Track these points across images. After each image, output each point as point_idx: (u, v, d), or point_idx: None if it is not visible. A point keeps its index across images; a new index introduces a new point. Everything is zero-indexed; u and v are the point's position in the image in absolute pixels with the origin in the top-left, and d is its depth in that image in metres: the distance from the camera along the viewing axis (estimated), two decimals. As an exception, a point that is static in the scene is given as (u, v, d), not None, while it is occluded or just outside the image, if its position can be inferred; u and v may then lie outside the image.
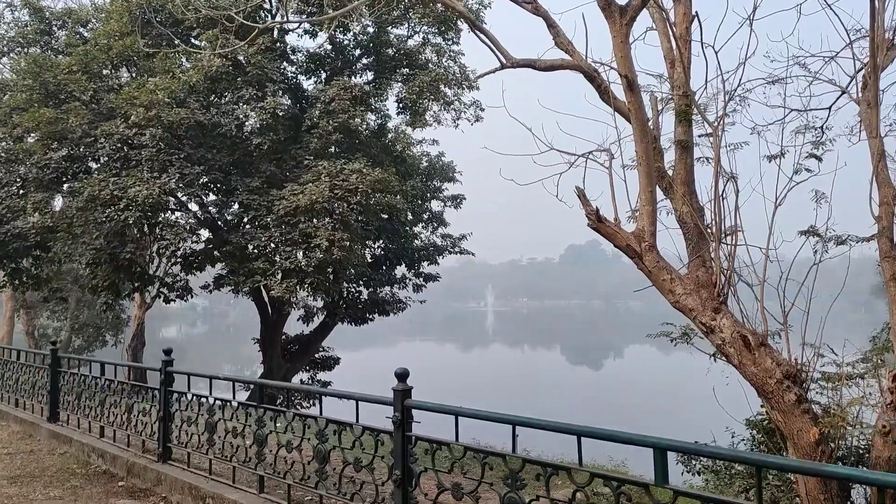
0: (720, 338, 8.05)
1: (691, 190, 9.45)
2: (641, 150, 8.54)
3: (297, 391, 14.70)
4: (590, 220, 8.52)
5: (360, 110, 16.71)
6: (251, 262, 16.05)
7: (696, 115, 9.99)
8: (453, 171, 23.88)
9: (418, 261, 23.68)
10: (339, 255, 15.14)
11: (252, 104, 16.05)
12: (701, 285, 8.45)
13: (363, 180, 15.28)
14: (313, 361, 23.52)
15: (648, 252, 8.32)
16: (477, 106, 19.09)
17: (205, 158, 15.94)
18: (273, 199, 15.98)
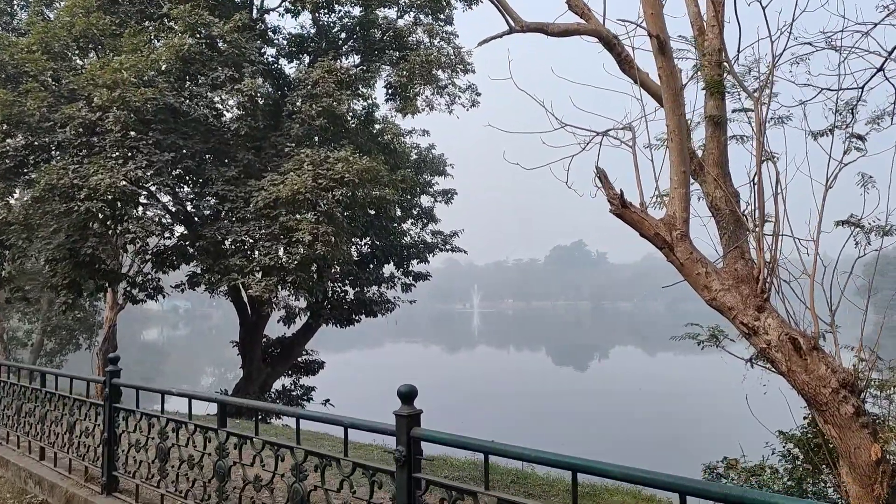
0: (765, 340, 6.81)
1: (725, 172, 8.30)
2: (674, 124, 7.32)
3: (269, 411, 13.23)
4: (612, 206, 7.21)
5: (347, 95, 15.40)
6: (227, 258, 14.70)
7: (729, 88, 8.82)
8: (444, 165, 22.62)
9: (407, 259, 22.41)
10: (322, 251, 13.84)
11: (228, 87, 14.70)
12: (741, 280, 7.21)
13: (349, 169, 13.98)
14: (296, 365, 22.17)
15: (680, 242, 7.06)
16: (473, 90, 17.86)
17: (176, 145, 14.56)
18: (251, 190, 14.65)
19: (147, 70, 14.15)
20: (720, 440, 22.94)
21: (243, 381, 20.52)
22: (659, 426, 28.67)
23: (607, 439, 26.61)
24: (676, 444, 24.89)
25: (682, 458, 22.68)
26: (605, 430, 29.58)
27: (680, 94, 7.49)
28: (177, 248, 16.18)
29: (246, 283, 14.14)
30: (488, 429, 28.13)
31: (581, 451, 3.38)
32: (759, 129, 7.66)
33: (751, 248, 7.77)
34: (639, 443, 24.90)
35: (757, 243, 7.47)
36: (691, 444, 24.55)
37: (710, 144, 8.40)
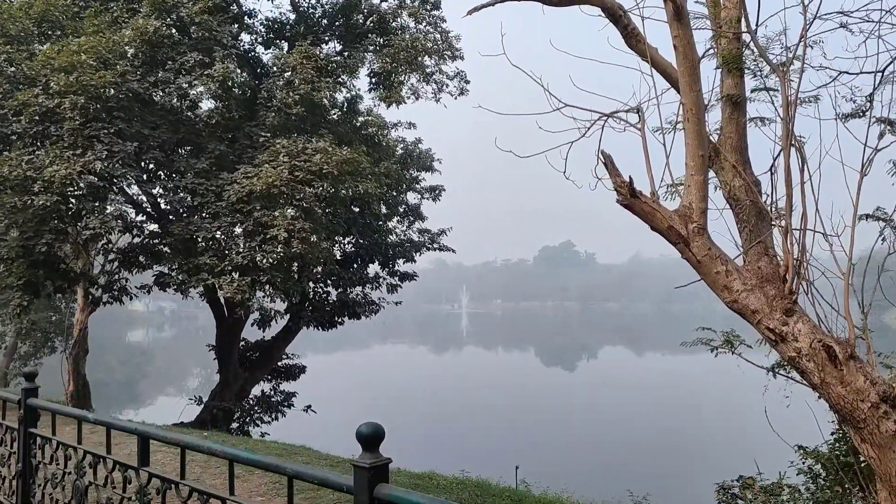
0: (794, 348, 5.88)
1: (745, 158, 7.33)
2: (691, 102, 6.35)
3: (197, 450, 11.67)
4: (620, 195, 6.25)
5: (326, 82, 14.37)
6: (197, 257, 13.64)
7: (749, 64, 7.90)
8: (432, 160, 21.63)
9: (393, 258, 21.41)
10: (299, 249, 12.82)
11: (197, 72, 13.63)
12: (765, 279, 6.27)
13: (329, 161, 12.97)
14: (276, 370, 21.10)
15: (697, 236, 6.12)
16: (461, 78, 16.84)
17: (141, 135, 13.46)
18: (223, 184, 13.59)
19: (109, 53, 13.07)
20: (729, 452, 22.11)
21: (219, 386, 19.44)
22: (663, 438, 27.55)
23: (607, 455, 25.55)
24: (685, 458, 23.88)
25: (694, 472, 21.83)
26: (605, 446, 28.52)
27: (698, 66, 6.53)
28: (144, 247, 15.10)
29: (217, 283, 13.09)
30: (475, 443, 27.29)
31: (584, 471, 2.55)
32: (786, 109, 6.71)
33: (774, 243, 6.90)
34: (643, 464, 23.82)
35: (784, 238, 6.51)
36: (699, 457, 23.61)
37: (727, 127, 7.45)
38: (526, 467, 10.26)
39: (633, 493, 11.04)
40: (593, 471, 23.29)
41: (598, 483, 15.39)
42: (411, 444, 26.42)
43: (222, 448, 3.19)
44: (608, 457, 25.03)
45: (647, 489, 11.08)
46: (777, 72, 7.19)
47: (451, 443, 27.21)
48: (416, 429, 29.53)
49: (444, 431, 29.40)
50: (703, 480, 10.10)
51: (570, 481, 12.89)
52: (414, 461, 13.04)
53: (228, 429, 18.86)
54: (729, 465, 10.33)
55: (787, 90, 6.82)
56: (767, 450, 9.61)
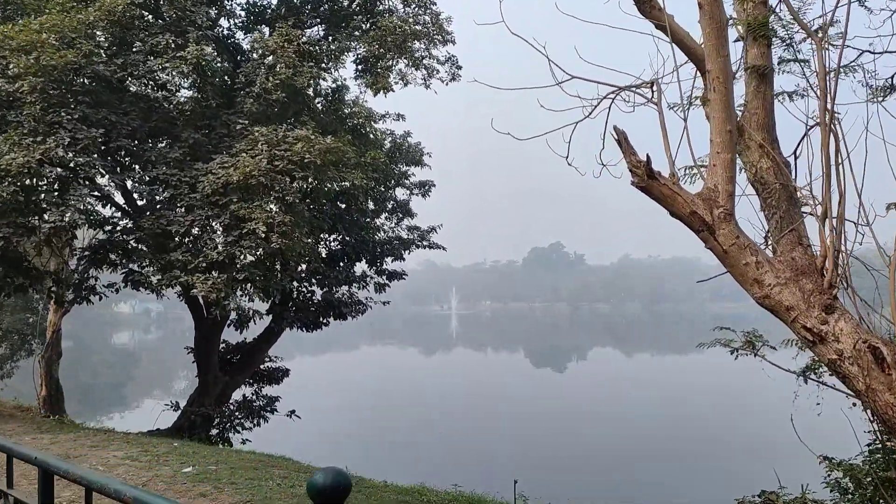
0: (835, 350, 5.13)
1: (773, 137, 6.57)
2: (717, 68, 5.57)
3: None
4: (635, 177, 5.45)
5: (309, 66, 13.48)
6: (169, 253, 12.71)
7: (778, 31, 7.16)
8: (421, 154, 20.75)
9: (381, 256, 20.50)
10: (279, 245, 11.93)
11: (169, 54, 12.70)
12: (801, 272, 5.45)
13: (311, 149, 12.07)
14: (258, 373, 20.14)
15: (724, 223, 5.35)
16: (453, 62, 15.96)
17: (108, 121, 12.52)
18: (198, 175, 12.68)
19: (74, 33, 12.12)
20: (740, 460, 21.30)
21: (198, 391, 18.47)
22: (668, 445, 26.58)
23: (610, 464, 24.63)
24: (695, 467, 22.99)
25: (706, 483, 20.98)
26: (606, 455, 27.62)
27: (725, 28, 5.71)
28: (115, 243, 14.13)
29: (190, 281, 12.15)
30: (468, 450, 26.42)
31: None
32: (823, 80, 5.87)
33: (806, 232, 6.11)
34: (650, 475, 22.92)
35: (821, 224, 5.74)
36: (710, 466, 22.73)
37: (752, 102, 6.64)
38: (524, 477, 9.46)
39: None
40: (596, 482, 22.45)
41: (604, 495, 14.55)
42: (400, 453, 25.61)
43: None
44: (611, 467, 24.18)
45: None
46: (813, 38, 6.36)
47: (442, 450, 26.34)
48: (405, 435, 28.67)
49: (435, 438, 28.51)
50: (717, 493, 9.30)
51: (571, 493, 12.09)
52: (403, 472, 12.30)
53: (208, 435, 17.92)
54: (742, 475, 9.52)
55: (823, 58, 5.99)
56: (782, 457, 8.86)
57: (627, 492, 18.67)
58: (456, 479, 10.52)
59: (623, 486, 21.00)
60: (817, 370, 7.30)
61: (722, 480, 18.31)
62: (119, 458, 9.91)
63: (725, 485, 9.15)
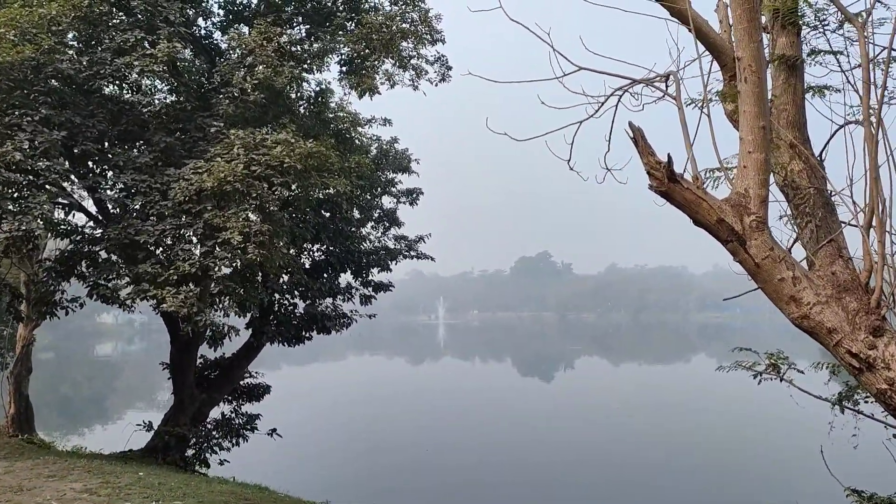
0: (885, 378, 4.51)
1: (804, 136, 5.88)
2: (749, 56, 4.87)
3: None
4: (654, 180, 4.73)
5: (289, 66, 12.68)
6: (137, 264, 11.83)
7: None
8: (409, 160, 19.99)
9: (367, 267, 19.70)
10: (256, 255, 11.09)
11: (138, 52, 11.86)
12: (843, 289, 4.69)
13: (291, 153, 11.27)
14: (237, 390, 19.20)
15: (756, 232, 4.68)
16: (442, 62, 15.19)
17: (72, 123, 11.66)
18: (170, 181, 11.84)
19: (35, 28, 11.25)
20: (741, 479, 20.44)
21: (173, 409, 17.50)
22: (671, 462, 25.58)
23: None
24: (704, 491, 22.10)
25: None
26: (600, 476, 26.79)
27: (758, 9, 4.99)
28: (83, 254, 13.21)
29: (160, 295, 11.28)
30: (461, 469, 25.54)
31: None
32: (867, 70, 5.14)
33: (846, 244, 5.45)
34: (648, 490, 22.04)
35: (865, 234, 5.03)
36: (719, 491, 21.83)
37: (782, 97, 5.97)
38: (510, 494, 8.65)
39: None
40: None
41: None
42: (386, 473, 24.70)
43: None
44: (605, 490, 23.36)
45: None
46: (854, 23, 5.66)
47: (432, 470, 25.44)
48: (392, 456, 27.75)
49: (422, 455, 27.60)
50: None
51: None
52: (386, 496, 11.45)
53: (183, 457, 16.95)
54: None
55: (866, 47, 5.27)
56: (796, 480, 8.07)
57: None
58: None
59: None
60: (853, 397, 6.58)
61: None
62: (76, 491, 9.01)
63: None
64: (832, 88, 6.27)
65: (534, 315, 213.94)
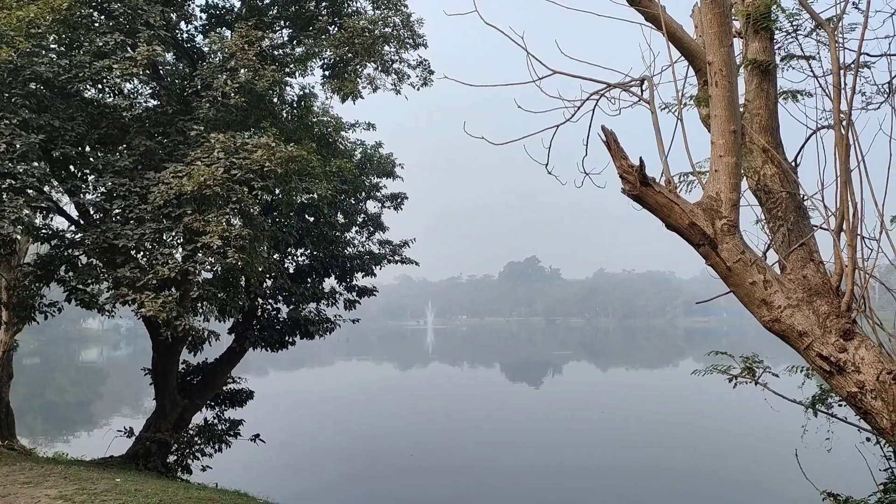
0: (855, 381, 4.56)
1: (777, 141, 5.92)
2: (719, 60, 4.92)
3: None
4: (627, 184, 4.78)
5: (271, 70, 12.64)
6: (116, 268, 11.73)
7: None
8: (393, 165, 19.96)
9: (351, 272, 19.65)
10: (236, 259, 11.03)
11: (118, 55, 11.80)
12: (814, 293, 4.74)
13: (271, 157, 11.24)
14: (219, 395, 19.05)
15: (727, 235, 4.72)
16: (424, 67, 15.19)
17: (50, 126, 11.57)
18: (149, 184, 11.77)
19: (13, 31, 11.16)
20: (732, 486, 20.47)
21: (155, 415, 17.33)
22: (652, 471, 25.60)
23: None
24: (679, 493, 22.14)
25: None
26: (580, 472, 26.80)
27: (729, 14, 5.03)
28: (62, 258, 13.09)
29: (138, 300, 11.19)
30: (441, 475, 25.48)
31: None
32: (837, 76, 5.19)
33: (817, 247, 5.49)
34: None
35: (836, 238, 5.10)
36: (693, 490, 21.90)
37: (755, 102, 6.02)
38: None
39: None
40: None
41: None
42: (369, 478, 24.58)
43: None
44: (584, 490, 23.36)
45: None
46: (825, 28, 5.70)
47: (415, 474, 25.34)
48: (376, 461, 27.64)
49: (406, 459, 27.48)
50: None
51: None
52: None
53: (164, 463, 16.81)
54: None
55: (836, 53, 5.31)
56: (774, 485, 8.10)
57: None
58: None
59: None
60: (826, 401, 6.61)
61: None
62: (51, 497, 8.91)
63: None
64: (804, 93, 6.30)
65: (522, 320, 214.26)
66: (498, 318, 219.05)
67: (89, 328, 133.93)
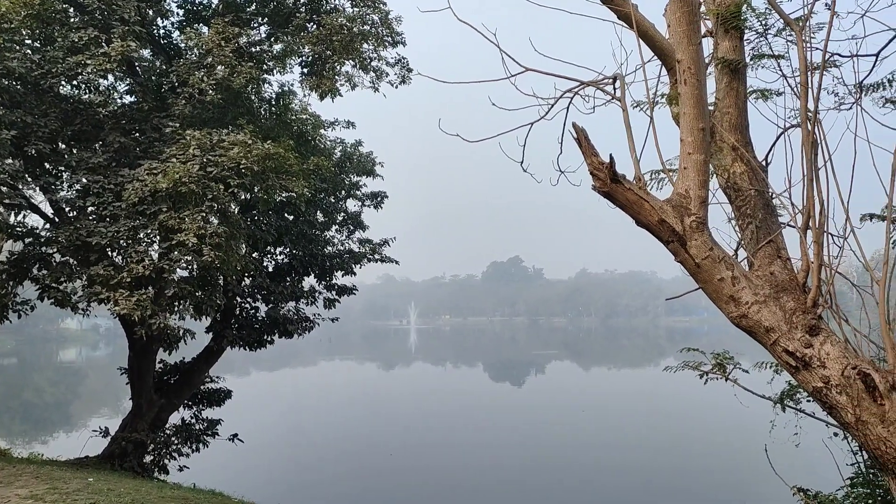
0: (821, 376, 4.63)
1: (746, 139, 5.98)
2: (688, 59, 4.98)
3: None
4: (597, 181, 4.80)
5: (248, 67, 12.56)
6: (90, 266, 11.61)
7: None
8: (373, 164, 19.92)
9: (330, 270, 19.58)
10: (212, 257, 10.95)
11: (92, 50, 11.67)
12: (781, 289, 4.78)
13: (248, 154, 11.17)
14: (197, 395, 18.90)
15: (696, 232, 4.73)
16: (403, 65, 15.17)
17: (23, 122, 11.43)
18: (124, 181, 11.65)
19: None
20: (708, 487, 20.65)
21: (131, 415, 17.17)
22: (632, 470, 25.75)
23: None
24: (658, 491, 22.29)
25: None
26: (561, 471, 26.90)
27: (697, 13, 5.07)
28: (35, 256, 12.93)
29: (112, 298, 11.08)
30: (419, 476, 25.49)
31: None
32: (805, 74, 5.24)
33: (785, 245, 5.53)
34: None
35: (802, 235, 5.15)
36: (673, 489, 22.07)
37: (724, 101, 6.05)
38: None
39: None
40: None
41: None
42: (347, 477, 24.54)
43: None
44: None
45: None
46: (793, 27, 5.74)
47: (393, 474, 25.29)
48: (354, 460, 27.57)
49: (385, 461, 27.42)
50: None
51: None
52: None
53: (141, 463, 16.66)
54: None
55: (804, 51, 5.36)
56: (749, 481, 8.17)
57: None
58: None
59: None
60: (795, 396, 6.68)
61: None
62: (21, 497, 8.80)
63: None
64: (773, 92, 6.36)
65: (505, 320, 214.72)
66: (481, 318, 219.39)
67: (68, 328, 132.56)
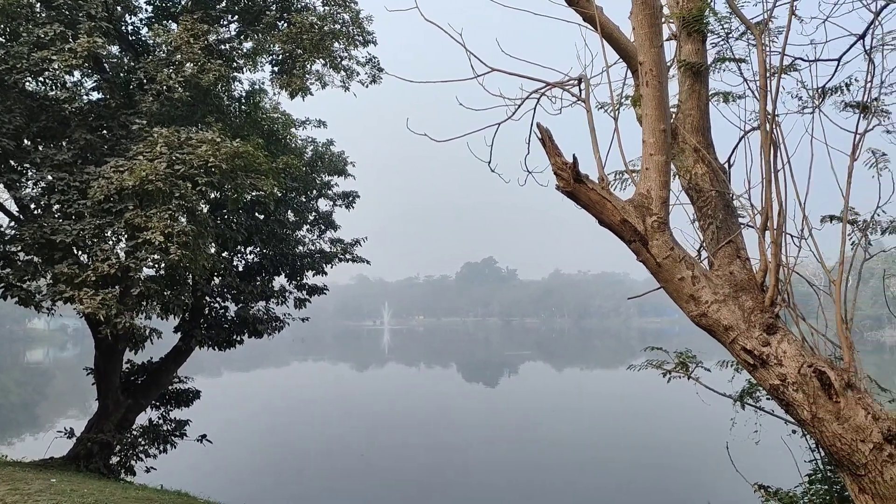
0: (777, 374, 4.76)
1: (708, 141, 6.10)
2: (650, 61, 5.08)
3: None
4: (561, 181, 4.86)
5: (218, 64, 12.46)
6: (54, 264, 11.43)
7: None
8: (345, 163, 19.86)
9: (301, 270, 19.49)
10: (178, 256, 10.84)
11: (57, 46, 11.50)
12: (740, 288, 4.91)
13: (216, 152, 11.08)
14: (165, 395, 18.68)
15: (657, 232, 4.84)
16: (374, 65, 15.15)
17: (-15, 119, 11.24)
18: (89, 179, 11.49)
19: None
20: (674, 486, 20.91)
21: (97, 416, 16.92)
22: (600, 468, 25.99)
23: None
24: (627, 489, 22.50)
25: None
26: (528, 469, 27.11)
27: (659, 15, 5.15)
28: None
29: (76, 297, 10.92)
30: (387, 476, 25.44)
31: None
32: (764, 78, 5.35)
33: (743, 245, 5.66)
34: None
35: (761, 235, 5.25)
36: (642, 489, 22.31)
37: (686, 103, 6.14)
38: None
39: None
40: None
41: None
42: (317, 477, 24.44)
43: None
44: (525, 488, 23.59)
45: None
46: (753, 31, 5.85)
47: (362, 474, 25.24)
48: (325, 461, 27.47)
49: (356, 461, 27.34)
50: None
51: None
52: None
53: (107, 464, 16.42)
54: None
55: (763, 55, 5.48)
56: (711, 480, 8.30)
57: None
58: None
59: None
60: (754, 394, 6.80)
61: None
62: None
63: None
64: (735, 95, 6.46)
65: (479, 320, 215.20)
66: (455, 319, 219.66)
67: (35, 328, 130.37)
